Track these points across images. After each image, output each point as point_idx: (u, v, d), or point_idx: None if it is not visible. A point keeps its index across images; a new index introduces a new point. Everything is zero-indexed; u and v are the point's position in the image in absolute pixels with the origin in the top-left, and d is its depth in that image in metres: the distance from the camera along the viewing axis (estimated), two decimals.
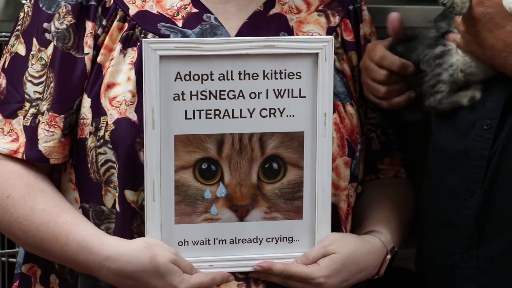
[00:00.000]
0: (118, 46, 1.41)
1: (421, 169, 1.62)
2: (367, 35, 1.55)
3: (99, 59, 1.42)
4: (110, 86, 1.41)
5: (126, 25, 1.42)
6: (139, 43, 1.40)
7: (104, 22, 1.43)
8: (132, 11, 1.41)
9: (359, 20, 1.55)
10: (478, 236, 1.45)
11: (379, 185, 1.61)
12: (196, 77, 1.35)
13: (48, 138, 1.41)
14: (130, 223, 1.40)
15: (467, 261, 1.45)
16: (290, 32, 1.47)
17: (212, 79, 1.36)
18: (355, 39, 1.54)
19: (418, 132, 1.63)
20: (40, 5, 1.42)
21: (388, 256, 1.47)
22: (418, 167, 1.64)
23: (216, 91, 1.36)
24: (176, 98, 1.35)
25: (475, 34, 1.41)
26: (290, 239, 1.42)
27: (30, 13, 1.44)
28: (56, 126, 1.41)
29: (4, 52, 1.48)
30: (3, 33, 1.53)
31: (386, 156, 1.62)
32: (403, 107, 1.55)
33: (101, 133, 1.39)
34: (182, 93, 1.35)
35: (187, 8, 1.43)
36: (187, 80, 1.35)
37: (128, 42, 1.42)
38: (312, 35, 1.48)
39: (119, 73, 1.41)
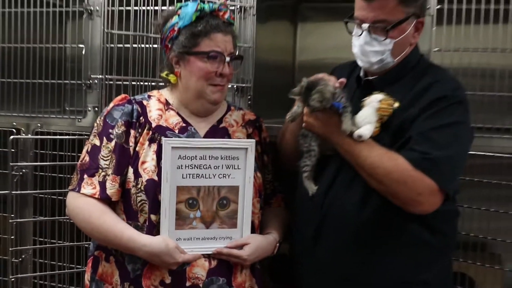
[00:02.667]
0: (147, 143, 2.18)
1: (293, 203, 2.31)
2: (265, 137, 2.38)
3: (137, 149, 2.17)
4: (143, 163, 2.17)
5: (150, 132, 2.19)
6: (158, 141, 2.17)
7: (139, 130, 2.19)
8: (154, 125, 2.22)
9: (261, 130, 2.37)
10: (314, 245, 2.09)
11: (271, 211, 2.36)
12: (188, 158, 2.15)
13: (112, 188, 2.17)
14: (152, 231, 2.13)
15: (307, 257, 2.11)
16: (229, 136, 2.27)
17: (196, 159, 2.15)
18: (259, 139, 2.34)
19: (291, 185, 2.30)
20: (107, 120, 2.22)
21: (277, 245, 2.26)
22: (292, 201, 2.34)
23: (198, 164, 2.16)
24: (178, 168, 2.14)
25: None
26: (230, 237, 2.22)
27: (101, 124, 2.23)
28: (116, 182, 2.17)
29: (86, 142, 2.27)
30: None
31: (274, 196, 2.40)
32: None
33: (139, 186, 2.14)
34: (181, 165, 2.14)
35: (180, 123, 2.24)
36: (184, 159, 2.14)
37: (152, 140, 2.18)
38: (240, 138, 2.27)
39: (147, 156, 2.16)
